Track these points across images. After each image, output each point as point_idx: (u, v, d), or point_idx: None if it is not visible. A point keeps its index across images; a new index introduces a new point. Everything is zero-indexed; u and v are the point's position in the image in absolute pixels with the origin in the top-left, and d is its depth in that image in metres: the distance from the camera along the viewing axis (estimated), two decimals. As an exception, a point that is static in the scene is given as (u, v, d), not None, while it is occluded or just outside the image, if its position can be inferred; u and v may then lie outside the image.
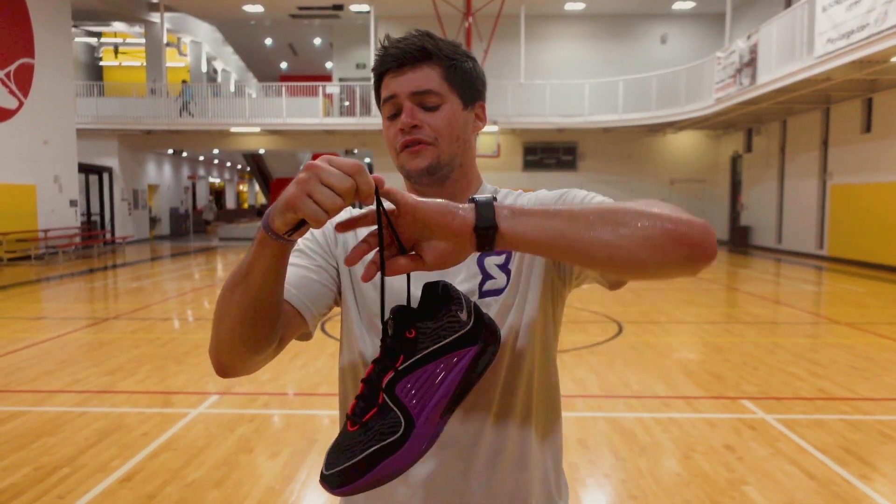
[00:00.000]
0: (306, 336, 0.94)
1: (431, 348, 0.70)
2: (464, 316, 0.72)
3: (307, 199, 0.64)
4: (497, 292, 0.90)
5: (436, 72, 0.90)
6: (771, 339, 6.12)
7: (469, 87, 0.93)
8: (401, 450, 0.68)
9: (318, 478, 0.82)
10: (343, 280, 0.96)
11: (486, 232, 0.67)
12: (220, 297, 0.80)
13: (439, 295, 0.74)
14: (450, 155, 0.91)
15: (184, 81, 20.35)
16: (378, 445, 0.68)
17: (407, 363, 0.70)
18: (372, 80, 0.98)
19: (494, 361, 0.85)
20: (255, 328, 0.80)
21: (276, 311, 0.81)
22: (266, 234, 0.71)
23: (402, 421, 0.69)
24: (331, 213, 0.64)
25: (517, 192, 1.03)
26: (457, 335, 0.71)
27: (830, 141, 13.71)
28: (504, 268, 0.91)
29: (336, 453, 0.69)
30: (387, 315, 0.73)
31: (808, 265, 12.85)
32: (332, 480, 0.68)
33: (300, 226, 0.68)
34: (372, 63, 1.08)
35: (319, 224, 0.64)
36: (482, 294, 0.90)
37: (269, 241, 0.72)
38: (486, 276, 0.90)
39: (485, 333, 0.73)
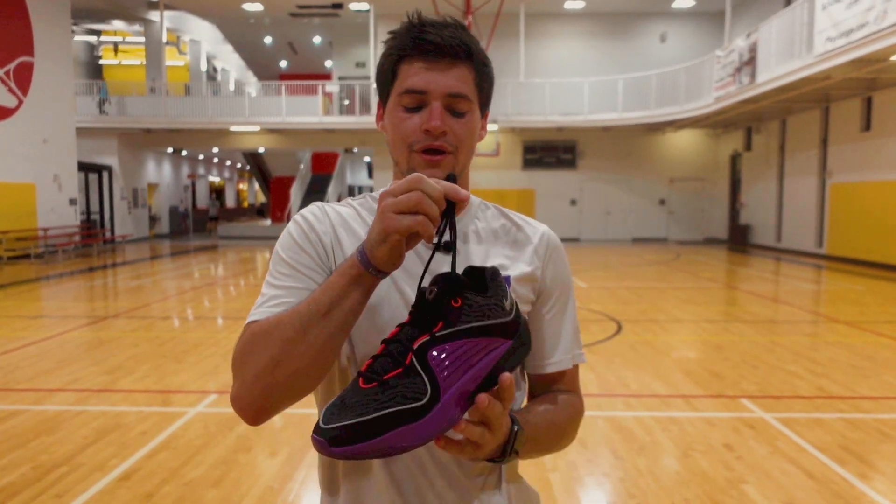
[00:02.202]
0: None
1: (477, 324, 0.65)
2: (507, 305, 0.69)
3: (412, 216, 0.66)
4: None
5: (471, 75, 0.85)
6: (770, 338, 6.12)
7: (488, 95, 0.90)
8: (421, 420, 0.60)
9: (317, 478, 0.80)
10: None
11: (500, 461, 0.77)
12: (276, 342, 0.72)
13: (485, 279, 0.70)
14: (462, 165, 0.88)
15: (103, 79, 20.38)
16: (398, 408, 0.60)
17: (447, 331, 0.64)
18: (376, 69, 0.90)
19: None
20: (326, 367, 0.75)
21: (342, 344, 0.76)
22: (367, 271, 0.70)
23: (429, 389, 0.61)
24: (435, 222, 0.67)
25: (522, 219, 0.98)
26: (501, 320, 0.67)
27: (830, 140, 13.71)
28: None
29: (340, 409, 0.61)
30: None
31: (808, 264, 12.85)
32: (331, 436, 0.60)
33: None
34: (372, 61, 1.03)
35: (431, 237, 0.67)
36: None
37: (366, 277, 0.71)
38: None
39: (521, 331, 0.70)
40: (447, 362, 0.63)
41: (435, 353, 0.63)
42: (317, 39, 24.31)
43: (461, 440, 0.68)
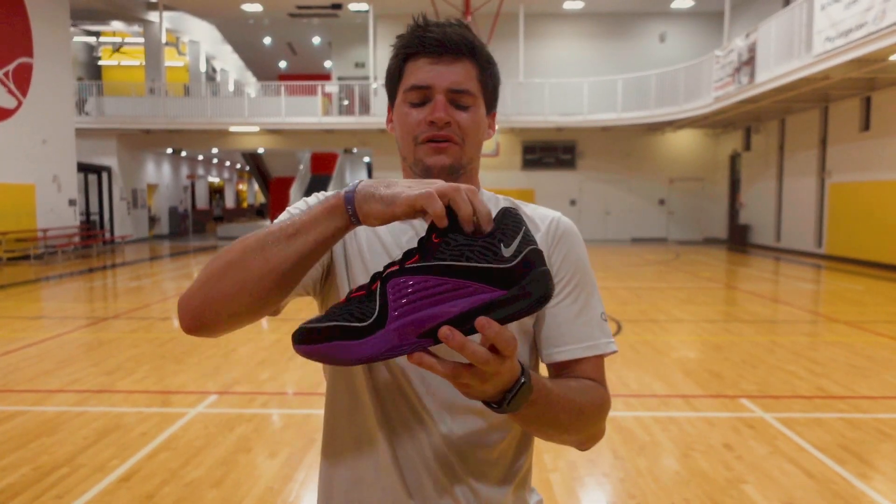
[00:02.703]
0: (276, 312, 0.84)
1: (446, 262, 0.63)
2: (506, 252, 0.63)
3: (440, 199, 0.64)
4: None
5: (474, 71, 0.86)
6: (770, 338, 6.12)
7: (493, 93, 0.91)
8: (357, 340, 0.63)
9: (317, 478, 0.82)
10: (337, 267, 0.89)
11: (501, 408, 0.69)
12: (237, 249, 0.72)
13: (504, 221, 0.66)
14: (469, 157, 0.89)
15: (79, 78, 20.20)
16: (340, 323, 0.64)
17: (416, 265, 0.64)
18: (386, 73, 0.92)
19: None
20: (273, 292, 0.73)
21: (296, 282, 0.74)
22: (345, 207, 0.68)
23: (375, 315, 0.63)
24: (466, 221, 0.64)
25: (532, 207, 0.97)
26: (482, 265, 0.62)
27: (829, 139, 13.72)
28: None
29: (320, 316, 0.67)
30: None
31: (807, 263, 12.85)
32: (296, 334, 0.66)
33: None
34: (372, 62, 1.03)
35: (443, 221, 0.64)
36: None
37: (343, 214, 0.69)
38: None
39: (526, 284, 0.63)
40: (403, 294, 0.63)
41: (395, 282, 0.64)
42: (316, 40, 24.31)
43: (455, 365, 0.63)
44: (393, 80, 0.90)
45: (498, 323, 0.61)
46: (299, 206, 0.88)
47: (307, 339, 0.65)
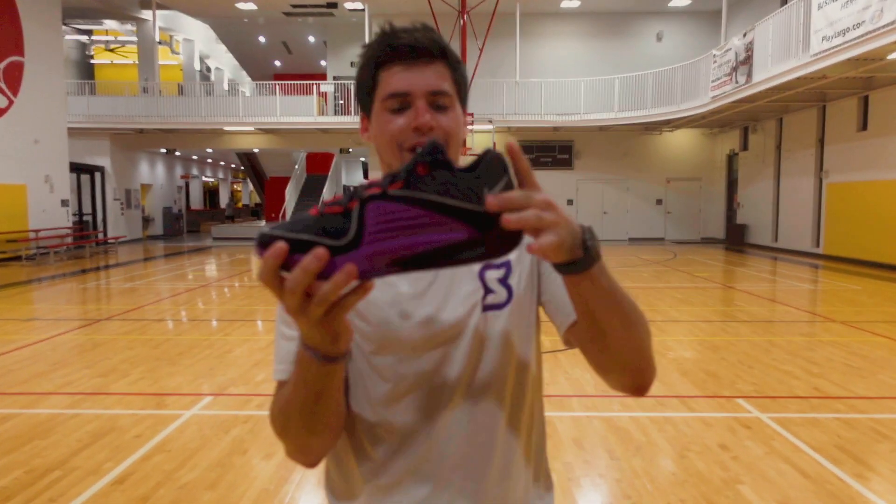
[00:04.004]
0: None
1: (429, 197, 0.62)
2: (490, 198, 0.62)
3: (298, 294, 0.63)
4: (499, 306, 0.88)
5: (447, 72, 0.87)
6: (767, 338, 6.12)
7: (465, 92, 0.92)
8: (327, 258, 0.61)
9: (312, 481, 0.83)
10: None
11: (590, 252, 0.67)
12: (289, 430, 0.81)
13: (490, 165, 0.64)
14: (453, 158, 0.88)
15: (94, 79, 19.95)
16: (312, 238, 0.61)
17: (399, 193, 0.62)
18: (355, 82, 0.92)
19: (506, 378, 0.86)
20: (334, 425, 0.82)
21: (343, 401, 0.83)
22: (318, 361, 0.70)
23: (351, 236, 0.62)
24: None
25: None
26: (463, 206, 0.62)
27: (826, 139, 13.75)
28: (504, 282, 0.89)
29: (288, 223, 0.63)
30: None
31: (804, 263, 12.88)
32: (261, 237, 0.62)
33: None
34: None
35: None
36: (485, 308, 0.87)
37: (321, 366, 0.71)
38: (488, 290, 0.88)
39: (496, 233, 0.62)
40: (382, 220, 0.62)
41: (375, 206, 0.63)
42: (311, 39, 24.25)
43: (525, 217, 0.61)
44: (366, 91, 0.89)
45: (469, 261, 0.63)
46: (282, 332, 0.91)
47: (270, 248, 0.61)
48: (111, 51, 24.72)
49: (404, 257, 0.62)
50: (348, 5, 18.27)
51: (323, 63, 25.73)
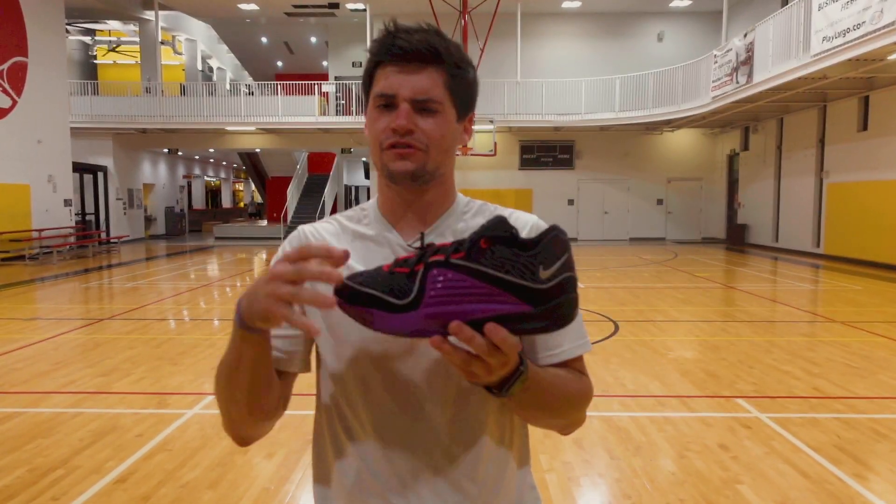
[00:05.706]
0: (305, 370, 0.95)
1: (486, 270, 0.68)
2: (543, 274, 0.68)
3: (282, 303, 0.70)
4: None
5: (441, 77, 0.86)
6: (767, 338, 6.13)
7: (467, 99, 0.91)
8: (388, 313, 0.70)
9: (312, 478, 0.89)
10: (318, 341, 0.95)
11: (508, 391, 0.76)
12: (217, 386, 0.84)
13: (551, 244, 0.70)
14: (435, 164, 0.88)
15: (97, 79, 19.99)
16: (383, 296, 0.70)
17: (459, 262, 0.69)
18: (363, 67, 0.94)
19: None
20: (260, 406, 0.85)
21: (274, 385, 0.86)
22: (247, 331, 0.75)
23: (412, 298, 0.69)
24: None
25: (509, 211, 0.98)
26: (519, 282, 0.68)
27: (827, 139, 13.74)
28: None
29: (363, 275, 0.73)
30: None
31: (805, 263, 12.88)
32: (342, 291, 0.72)
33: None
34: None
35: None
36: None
37: (249, 336, 0.76)
38: None
39: (551, 308, 0.68)
40: (442, 286, 0.69)
41: (437, 273, 0.69)
42: (313, 39, 24.27)
43: (468, 354, 0.69)
44: (366, 86, 0.91)
45: (518, 327, 0.69)
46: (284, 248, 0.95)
47: (349, 299, 0.71)
48: (114, 51, 24.75)
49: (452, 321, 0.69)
50: (350, 6, 18.29)
51: (324, 63, 25.74)
